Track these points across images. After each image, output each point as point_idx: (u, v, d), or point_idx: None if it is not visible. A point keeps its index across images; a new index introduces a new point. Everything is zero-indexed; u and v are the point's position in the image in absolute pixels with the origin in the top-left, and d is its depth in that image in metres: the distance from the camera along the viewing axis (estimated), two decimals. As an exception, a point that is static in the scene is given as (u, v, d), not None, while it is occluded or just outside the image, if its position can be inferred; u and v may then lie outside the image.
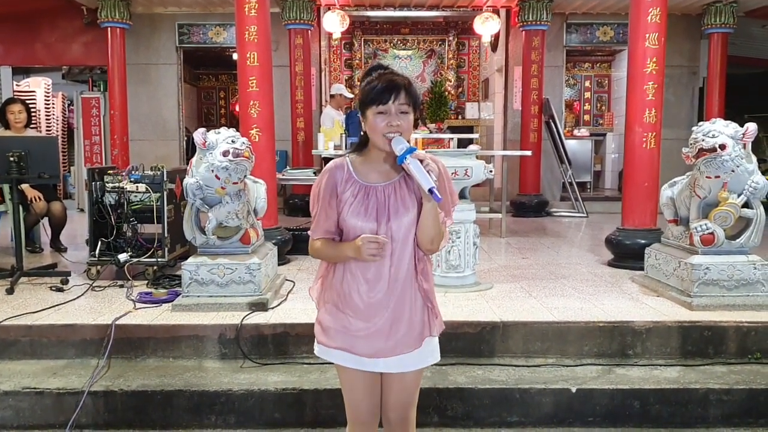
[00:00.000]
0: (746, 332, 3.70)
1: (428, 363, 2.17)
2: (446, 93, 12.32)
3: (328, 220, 2.04)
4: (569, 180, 9.54)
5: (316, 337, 2.15)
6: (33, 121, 7.92)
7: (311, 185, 2.17)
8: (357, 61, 12.43)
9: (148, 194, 4.73)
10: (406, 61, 12.67)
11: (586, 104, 12.84)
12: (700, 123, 4.06)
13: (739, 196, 3.98)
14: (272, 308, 3.99)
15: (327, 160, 7.91)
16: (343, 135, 7.45)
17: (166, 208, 4.74)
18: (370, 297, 2.02)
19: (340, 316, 2.07)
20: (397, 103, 1.95)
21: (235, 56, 6.92)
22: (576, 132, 11.85)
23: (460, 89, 12.92)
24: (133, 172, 4.82)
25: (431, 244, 2.04)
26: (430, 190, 1.88)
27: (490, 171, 4.65)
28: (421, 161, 1.92)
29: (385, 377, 2.14)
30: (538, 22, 8.99)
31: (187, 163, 4.14)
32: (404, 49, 12.76)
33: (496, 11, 9.67)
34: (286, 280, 4.67)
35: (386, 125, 1.95)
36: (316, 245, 2.09)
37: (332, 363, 2.15)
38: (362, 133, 2.06)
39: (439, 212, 2.00)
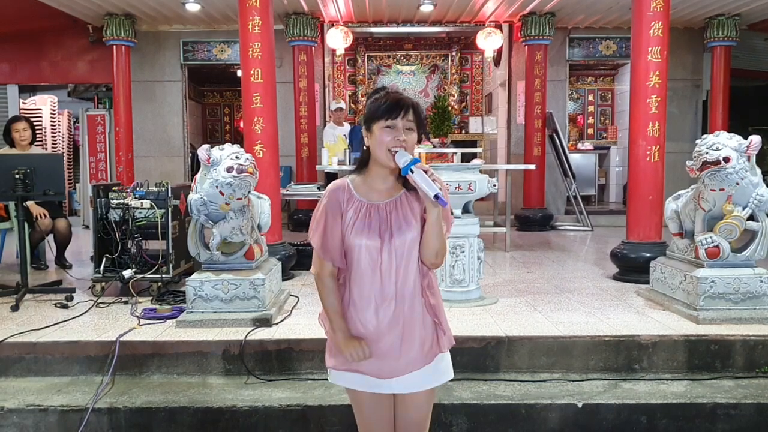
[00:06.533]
0: (753, 346, 3.67)
1: (442, 381, 2.15)
2: (449, 108, 12.36)
3: (334, 238, 2.04)
4: (574, 193, 9.54)
5: (327, 362, 2.15)
6: (39, 139, 7.98)
7: (315, 200, 2.18)
8: (360, 77, 12.48)
9: (153, 210, 4.75)
10: (409, 77, 12.73)
11: (590, 118, 12.87)
12: (704, 136, 4.06)
13: (744, 208, 3.97)
14: (276, 324, 3.99)
15: (329, 174, 7.95)
16: (347, 150, 7.48)
17: (170, 224, 4.75)
18: (379, 318, 2.02)
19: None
20: (405, 119, 1.98)
21: (239, 73, 6.97)
22: (580, 145, 11.88)
23: (464, 104, 12.95)
24: (137, 189, 4.85)
25: (436, 258, 2.03)
26: (436, 196, 1.89)
27: (494, 185, 4.66)
28: (425, 171, 1.94)
29: (398, 398, 2.13)
30: (541, 37, 9.06)
31: (192, 180, 4.16)
32: (407, 65, 12.81)
33: (498, 26, 9.72)
34: (290, 295, 4.67)
35: (392, 139, 1.97)
36: (322, 283, 2.09)
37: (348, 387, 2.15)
38: (365, 148, 2.07)
39: (442, 224, 2.00)
